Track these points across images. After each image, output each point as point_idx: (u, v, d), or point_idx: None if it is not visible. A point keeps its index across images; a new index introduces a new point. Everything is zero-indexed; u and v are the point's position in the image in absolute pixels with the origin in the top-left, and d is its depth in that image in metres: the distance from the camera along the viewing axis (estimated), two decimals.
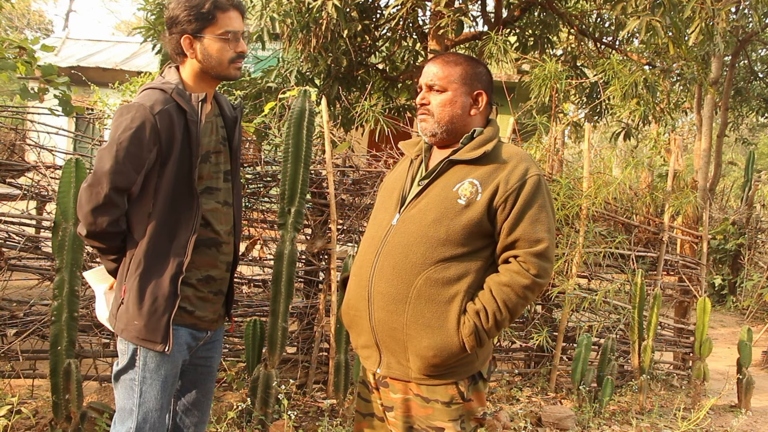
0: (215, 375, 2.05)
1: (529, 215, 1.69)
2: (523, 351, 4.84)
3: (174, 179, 1.76)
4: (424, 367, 1.70)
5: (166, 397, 1.82)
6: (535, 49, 6.42)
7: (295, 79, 5.89)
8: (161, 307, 1.74)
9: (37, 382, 3.34)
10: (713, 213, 9.99)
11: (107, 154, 1.69)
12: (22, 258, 3.31)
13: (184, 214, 1.78)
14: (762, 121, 15.08)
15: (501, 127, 2.06)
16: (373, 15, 6.12)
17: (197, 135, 1.78)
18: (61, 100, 3.63)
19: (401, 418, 1.76)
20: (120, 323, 1.77)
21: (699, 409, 4.30)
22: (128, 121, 1.70)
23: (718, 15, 4.28)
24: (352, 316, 1.84)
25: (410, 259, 1.69)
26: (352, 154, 4.16)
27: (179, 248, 1.77)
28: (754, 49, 11.67)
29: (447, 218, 1.68)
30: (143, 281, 1.74)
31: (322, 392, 3.76)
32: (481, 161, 1.73)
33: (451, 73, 1.79)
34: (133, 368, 1.78)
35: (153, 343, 1.74)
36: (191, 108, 1.77)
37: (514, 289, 1.67)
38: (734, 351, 5.08)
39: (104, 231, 1.72)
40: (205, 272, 1.85)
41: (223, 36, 1.79)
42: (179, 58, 1.84)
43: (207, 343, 1.96)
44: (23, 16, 25.81)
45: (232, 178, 1.95)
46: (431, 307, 1.68)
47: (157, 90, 1.76)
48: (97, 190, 1.68)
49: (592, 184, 4.37)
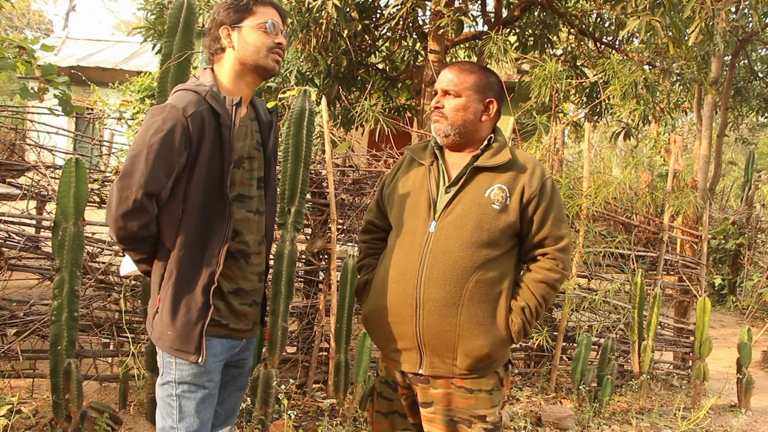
0: (248, 376, 2.02)
1: (553, 215, 1.87)
2: (523, 351, 4.84)
3: (204, 185, 1.70)
4: (473, 364, 1.81)
5: (206, 411, 1.77)
6: (535, 49, 6.42)
7: (295, 79, 5.89)
8: (194, 317, 1.70)
9: (37, 381, 3.34)
10: (713, 213, 9.99)
11: (137, 157, 1.63)
12: (22, 258, 3.31)
13: (215, 222, 1.73)
14: (762, 120, 15.08)
15: (501, 127, 2.12)
16: (373, 15, 6.11)
17: (230, 140, 1.73)
18: (61, 99, 3.63)
19: (442, 411, 1.85)
20: (156, 332, 1.74)
21: (699, 409, 4.31)
22: (159, 122, 1.64)
23: (718, 15, 4.27)
24: (389, 323, 1.88)
25: (459, 264, 1.79)
26: (352, 154, 4.17)
27: (211, 257, 1.72)
28: (754, 48, 11.66)
29: (487, 223, 1.81)
30: (176, 291, 1.70)
31: (322, 392, 3.76)
32: (502, 167, 1.87)
33: (466, 80, 1.91)
34: (170, 383, 1.74)
35: (186, 354, 1.70)
36: (225, 111, 1.72)
37: (549, 284, 1.86)
38: (734, 351, 5.08)
39: (135, 235, 1.67)
40: (235, 285, 1.81)
41: (261, 26, 1.77)
42: (216, 56, 1.80)
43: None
44: (23, 15, 25.81)
45: (265, 186, 1.90)
46: (483, 306, 1.81)
47: (190, 92, 1.71)
48: (126, 194, 1.62)
49: (592, 183, 4.37)
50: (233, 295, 1.80)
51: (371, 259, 2.07)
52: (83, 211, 2.61)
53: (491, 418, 1.84)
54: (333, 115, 6.47)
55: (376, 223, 2.12)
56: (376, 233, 2.11)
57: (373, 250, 2.09)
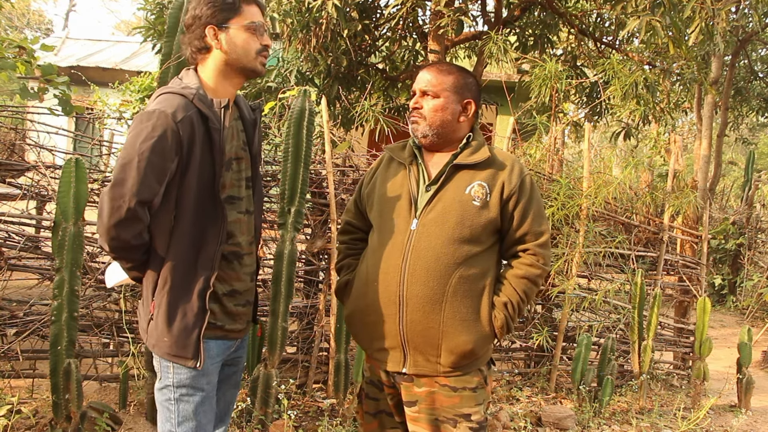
0: (242, 371, 2.02)
1: (533, 211, 1.89)
2: (523, 351, 4.84)
3: (196, 190, 1.68)
4: (457, 361, 1.82)
5: (206, 413, 1.77)
6: (535, 49, 6.41)
7: (295, 79, 5.89)
8: (191, 323, 1.69)
9: (37, 382, 3.34)
10: (713, 213, 9.99)
11: (128, 165, 1.58)
12: (22, 258, 3.31)
13: (209, 226, 1.71)
14: (762, 120, 15.08)
15: (501, 127, 2.13)
16: (373, 15, 6.11)
17: (221, 143, 1.70)
18: (61, 99, 3.63)
19: (426, 410, 1.85)
20: (151, 339, 1.72)
21: (699, 409, 4.31)
22: (149, 129, 1.60)
23: (718, 15, 4.27)
24: (372, 322, 1.88)
25: (442, 260, 1.80)
26: (352, 154, 4.17)
27: (206, 261, 1.71)
28: (754, 48, 11.65)
29: (468, 219, 1.83)
30: (171, 298, 1.68)
31: (322, 392, 3.76)
32: (481, 164, 1.89)
33: (444, 81, 1.93)
34: (168, 387, 1.73)
35: (184, 359, 1.69)
36: (213, 114, 1.69)
37: (531, 279, 1.89)
38: (734, 351, 5.08)
39: (128, 244, 1.64)
40: (230, 286, 1.80)
41: (249, 27, 1.73)
42: (200, 55, 1.75)
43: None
44: (23, 15, 25.80)
45: (252, 185, 1.88)
46: (466, 302, 1.82)
47: (177, 95, 1.67)
48: (119, 203, 1.58)
49: (592, 183, 4.37)
50: (228, 296, 1.79)
51: (351, 260, 2.07)
52: (83, 211, 2.61)
53: (476, 417, 1.84)
54: (333, 115, 6.47)
55: (354, 224, 2.12)
56: (354, 233, 2.12)
57: (352, 250, 2.10)
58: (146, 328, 1.74)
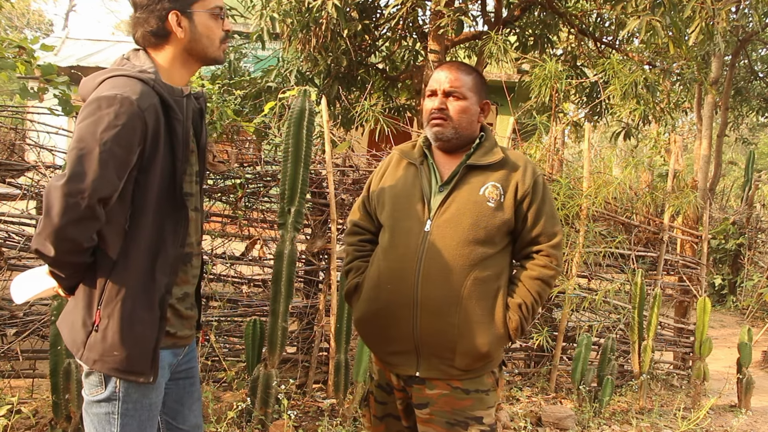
0: (199, 382, 1.84)
1: (546, 211, 1.87)
2: (523, 351, 4.84)
3: (157, 187, 1.51)
4: (471, 363, 1.80)
5: (149, 427, 1.59)
6: (535, 49, 6.42)
7: (295, 79, 5.89)
8: (148, 334, 1.50)
9: (37, 381, 3.34)
10: (713, 213, 9.99)
11: (88, 157, 1.38)
12: (22, 258, 3.30)
13: (168, 227, 1.54)
14: (762, 120, 15.08)
15: (501, 127, 2.12)
16: (373, 15, 6.11)
17: (185, 136, 1.55)
18: (61, 99, 3.62)
19: (438, 413, 1.82)
20: (92, 353, 1.49)
21: (699, 409, 4.31)
22: (112, 116, 1.40)
23: (718, 15, 4.27)
24: (384, 325, 1.85)
25: (457, 262, 1.77)
26: (352, 154, 4.16)
27: (165, 267, 1.53)
28: (754, 48, 11.66)
29: (483, 220, 1.80)
30: (127, 306, 1.48)
31: (322, 392, 3.76)
32: (494, 165, 1.86)
33: (467, 81, 1.89)
34: (111, 401, 1.53)
35: (137, 375, 1.50)
36: (176, 103, 1.52)
37: (544, 280, 1.86)
38: (734, 351, 5.08)
39: (79, 247, 1.42)
40: (182, 290, 1.64)
41: (214, 12, 1.59)
42: (157, 39, 1.57)
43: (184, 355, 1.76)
44: (23, 15, 25.80)
45: (200, 180, 1.70)
46: (481, 304, 1.79)
47: (135, 80, 1.47)
48: (75, 200, 1.36)
49: (592, 183, 4.37)
50: (180, 300, 1.64)
51: (360, 262, 2.01)
52: None
53: (487, 420, 1.82)
54: (333, 115, 6.47)
55: (361, 225, 2.05)
56: (362, 235, 2.05)
57: (361, 252, 2.02)
58: (84, 341, 1.51)
